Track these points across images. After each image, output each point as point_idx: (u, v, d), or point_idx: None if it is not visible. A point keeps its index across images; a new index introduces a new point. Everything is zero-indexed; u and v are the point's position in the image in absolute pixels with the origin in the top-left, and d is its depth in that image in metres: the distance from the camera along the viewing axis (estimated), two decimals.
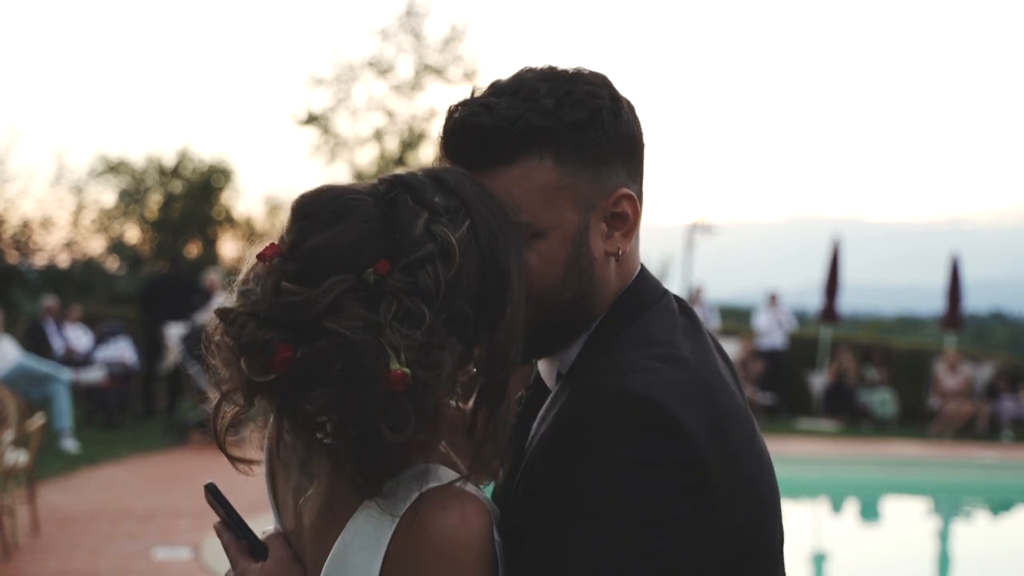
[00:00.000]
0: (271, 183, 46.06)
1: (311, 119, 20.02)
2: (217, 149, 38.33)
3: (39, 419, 8.16)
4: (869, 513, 12.87)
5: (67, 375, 11.91)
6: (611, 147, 1.51)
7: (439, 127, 1.55)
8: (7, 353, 11.59)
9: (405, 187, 1.39)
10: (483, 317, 1.38)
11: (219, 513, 1.51)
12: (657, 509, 1.35)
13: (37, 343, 13.48)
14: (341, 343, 1.29)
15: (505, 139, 1.47)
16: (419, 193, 1.38)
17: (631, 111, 1.55)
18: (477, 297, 1.37)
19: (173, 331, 13.29)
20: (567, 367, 1.56)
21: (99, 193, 22.57)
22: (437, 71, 19.98)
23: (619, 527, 1.34)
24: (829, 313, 18.21)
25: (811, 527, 11.71)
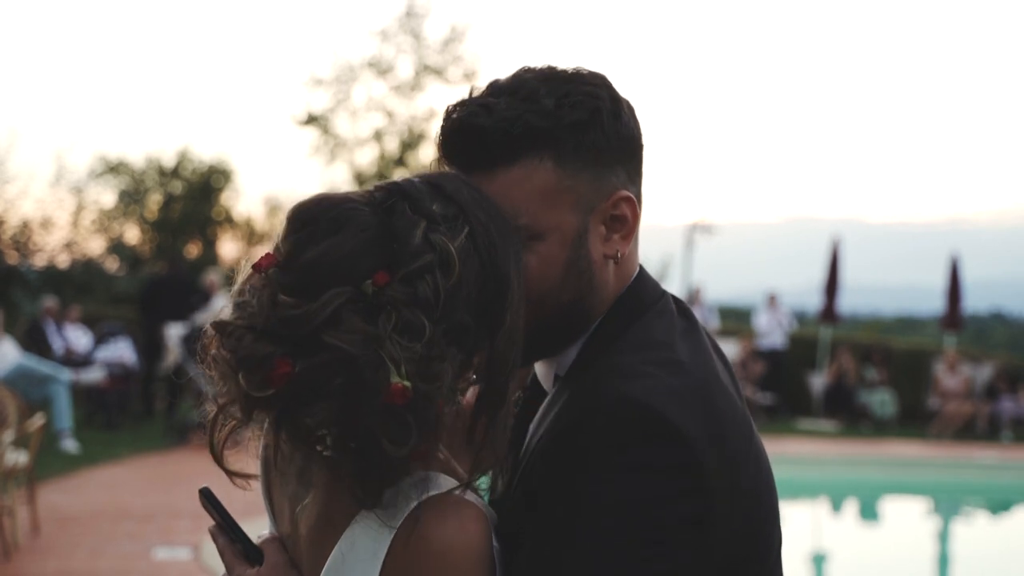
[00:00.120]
0: (271, 184, 46.11)
1: (311, 120, 20.02)
2: (217, 149, 38.27)
3: (39, 419, 8.17)
4: (869, 513, 12.87)
5: (67, 376, 11.92)
6: (611, 148, 1.50)
7: (437, 127, 1.53)
8: (7, 354, 11.59)
9: (402, 195, 1.37)
10: (483, 325, 1.37)
11: (214, 517, 1.51)
12: (656, 514, 1.35)
13: (37, 344, 13.47)
14: (341, 357, 1.27)
15: (504, 140, 1.45)
16: (416, 201, 1.37)
17: (631, 112, 1.53)
18: (477, 305, 1.36)
19: (173, 331, 13.29)
20: (565, 369, 1.54)
21: (99, 193, 22.56)
22: (437, 72, 19.97)
23: (618, 531, 1.34)
24: (829, 313, 18.22)
25: (811, 527, 11.71)
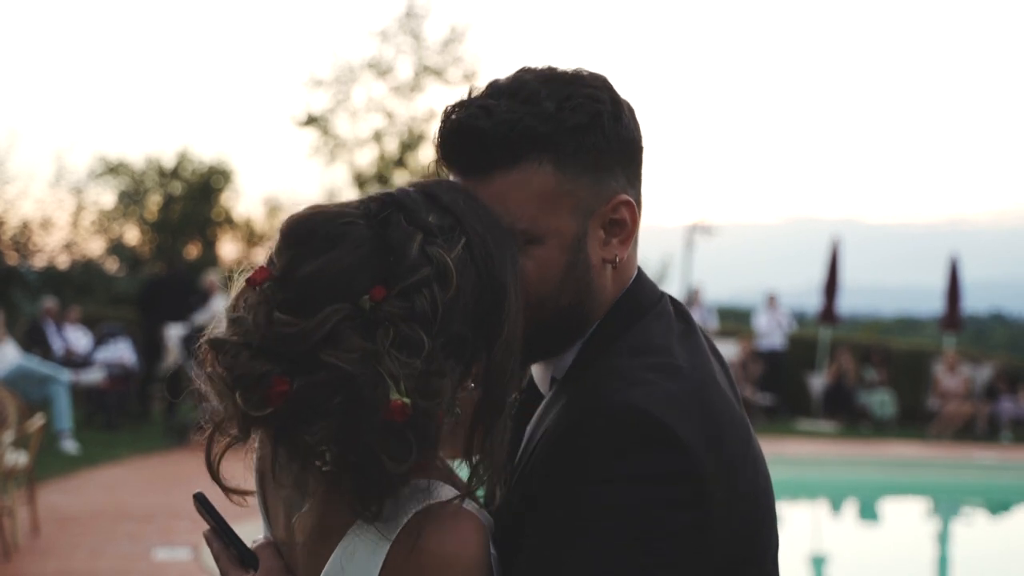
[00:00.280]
0: (271, 184, 46.04)
1: (311, 120, 20.01)
2: (216, 150, 38.15)
3: (39, 420, 8.17)
4: (868, 514, 12.88)
5: (67, 376, 11.92)
6: (611, 152, 1.48)
7: (436, 128, 1.50)
8: (7, 354, 11.60)
9: (398, 206, 1.36)
10: (480, 336, 1.35)
11: (208, 522, 1.51)
12: (656, 520, 1.34)
13: (37, 344, 13.48)
14: (339, 376, 1.26)
15: (504, 143, 1.43)
16: (412, 212, 1.35)
17: (631, 114, 1.52)
18: (474, 316, 1.34)
19: (173, 332, 13.30)
20: (562, 372, 1.53)
21: (98, 194, 22.58)
22: (437, 72, 19.97)
23: (619, 534, 1.33)
24: (828, 314, 18.22)
25: (810, 528, 11.71)
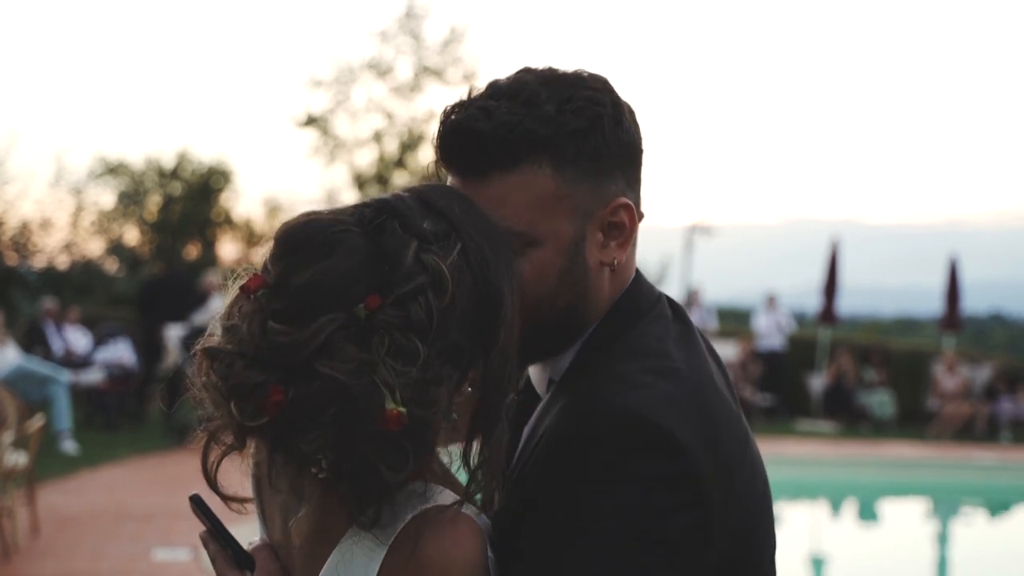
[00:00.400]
0: (270, 185, 45.90)
1: (310, 121, 19.98)
2: (216, 151, 38.02)
3: (38, 421, 8.17)
4: (868, 514, 12.88)
5: (66, 377, 11.91)
6: (611, 156, 1.47)
7: (435, 128, 1.49)
8: (7, 355, 11.60)
9: (392, 213, 1.34)
10: (477, 342, 1.35)
11: (204, 523, 1.51)
12: (655, 520, 1.34)
13: (36, 345, 13.49)
14: (334, 387, 1.25)
15: (504, 146, 1.42)
16: (407, 219, 1.34)
17: (632, 117, 1.51)
18: (471, 323, 1.33)
19: (173, 333, 13.30)
20: (560, 374, 1.52)
21: (98, 195, 22.54)
22: (436, 73, 19.96)
23: (619, 535, 1.33)
24: (828, 314, 18.22)
25: (810, 528, 11.72)
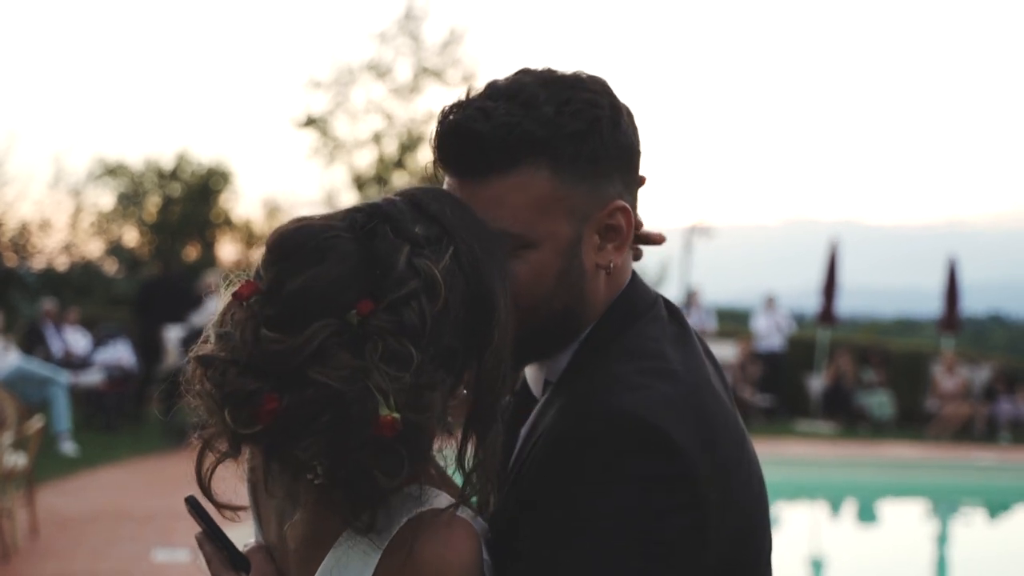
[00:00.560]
0: (270, 186, 45.84)
1: (310, 122, 19.99)
2: (215, 152, 38.19)
3: (38, 422, 8.18)
4: (867, 515, 12.88)
5: (66, 378, 11.91)
6: (609, 158, 1.47)
7: (433, 128, 1.49)
8: (6, 356, 11.60)
9: (384, 217, 1.34)
10: (471, 346, 1.35)
11: (200, 525, 1.51)
12: (653, 522, 1.34)
13: (35, 346, 13.49)
14: (328, 394, 1.25)
15: (502, 147, 1.42)
16: (399, 223, 1.34)
17: (630, 119, 1.51)
18: (464, 326, 1.33)
19: (172, 334, 13.30)
20: (556, 375, 1.52)
21: (97, 196, 22.59)
22: (436, 74, 19.97)
23: (616, 536, 1.33)
24: (827, 315, 18.23)
25: (809, 529, 11.73)
